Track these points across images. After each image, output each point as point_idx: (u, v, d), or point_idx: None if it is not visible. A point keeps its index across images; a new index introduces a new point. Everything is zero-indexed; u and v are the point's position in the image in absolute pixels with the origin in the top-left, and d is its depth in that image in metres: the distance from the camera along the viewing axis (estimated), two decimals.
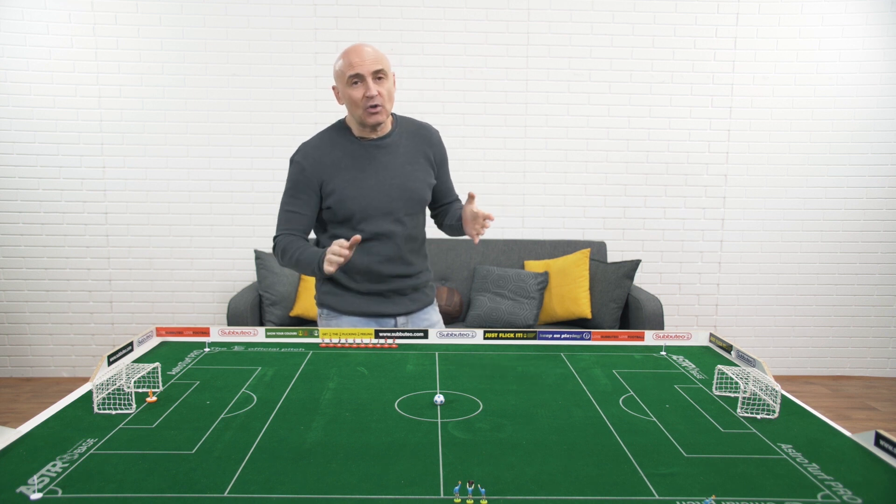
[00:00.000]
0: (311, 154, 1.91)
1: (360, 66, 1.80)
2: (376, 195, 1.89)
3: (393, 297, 1.98)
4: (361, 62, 1.80)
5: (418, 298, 2.03)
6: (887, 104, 3.95)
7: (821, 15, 3.89)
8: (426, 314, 2.06)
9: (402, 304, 1.99)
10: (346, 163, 1.90)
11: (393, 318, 2.00)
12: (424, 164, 1.98)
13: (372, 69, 1.81)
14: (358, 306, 1.96)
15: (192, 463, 1.08)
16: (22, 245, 3.90)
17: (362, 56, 1.81)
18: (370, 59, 1.81)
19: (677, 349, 1.79)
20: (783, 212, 4.05)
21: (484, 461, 1.09)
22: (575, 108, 3.96)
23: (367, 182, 1.89)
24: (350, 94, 1.84)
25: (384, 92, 1.84)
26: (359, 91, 1.82)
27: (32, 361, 4.01)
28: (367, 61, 1.81)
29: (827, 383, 4.06)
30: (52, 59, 3.77)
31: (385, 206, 1.90)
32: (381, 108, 1.84)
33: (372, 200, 1.88)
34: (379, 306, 1.96)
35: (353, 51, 1.82)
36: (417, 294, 2.03)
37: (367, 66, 1.81)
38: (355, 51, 1.82)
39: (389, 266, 1.93)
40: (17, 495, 0.96)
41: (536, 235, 4.02)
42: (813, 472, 1.07)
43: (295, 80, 3.86)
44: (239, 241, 3.97)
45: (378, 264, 1.92)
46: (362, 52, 1.81)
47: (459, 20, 3.86)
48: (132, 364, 1.45)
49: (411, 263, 1.97)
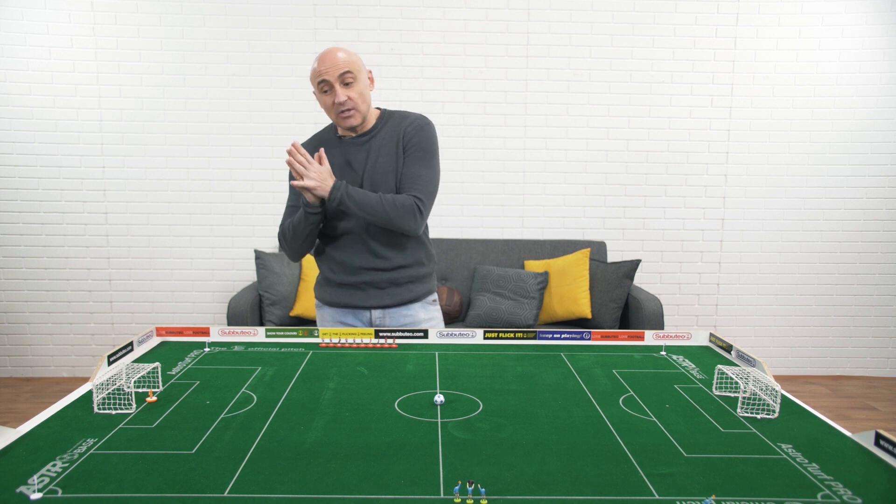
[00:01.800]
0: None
1: (327, 73, 1.82)
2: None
3: (367, 290, 1.98)
4: (327, 69, 1.82)
5: (396, 294, 1.99)
6: (887, 104, 3.95)
7: (821, 15, 3.89)
8: (408, 311, 2.02)
9: (378, 297, 1.98)
10: (329, 160, 1.93)
11: (368, 311, 2.00)
12: (394, 156, 1.93)
13: (337, 74, 1.82)
14: (336, 297, 2.01)
15: (192, 463, 1.07)
16: (22, 245, 3.90)
17: (328, 62, 1.82)
18: (337, 64, 1.82)
19: (677, 349, 1.79)
20: (783, 212, 4.05)
21: (484, 461, 1.09)
22: (575, 108, 3.96)
23: (345, 177, 1.92)
24: (322, 101, 1.88)
25: (354, 95, 1.85)
26: (329, 98, 1.86)
27: (32, 361, 4.01)
28: (332, 67, 1.82)
29: (827, 383, 4.06)
30: (52, 59, 3.77)
31: None
32: (352, 111, 1.87)
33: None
34: (353, 298, 1.98)
35: (321, 57, 1.84)
36: (396, 289, 1.99)
37: (332, 72, 1.82)
38: (323, 57, 1.84)
39: (360, 258, 1.96)
40: (17, 495, 0.96)
41: (536, 235, 4.02)
42: (813, 472, 1.07)
43: (295, 80, 3.86)
44: (239, 241, 3.97)
45: (350, 256, 1.96)
46: (328, 58, 1.82)
47: (459, 20, 3.86)
48: (132, 364, 1.45)
49: (385, 258, 1.95)
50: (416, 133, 1.93)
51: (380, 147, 1.94)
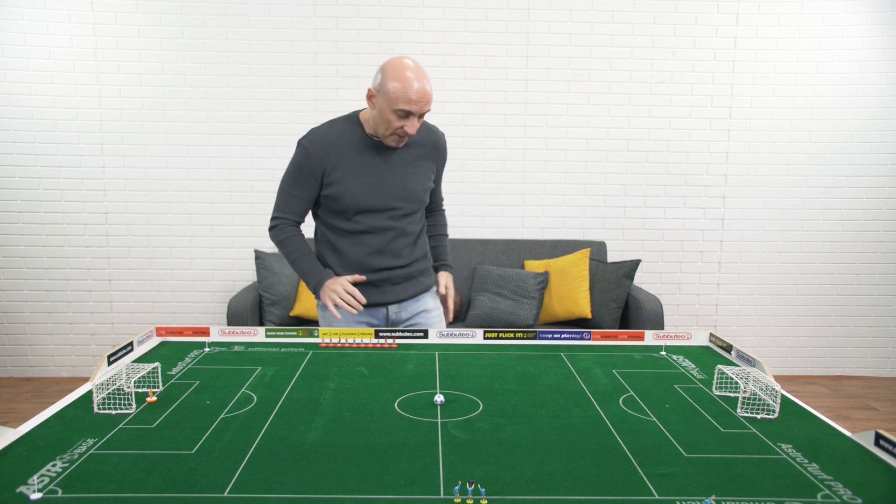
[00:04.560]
0: (319, 141, 1.91)
1: (416, 105, 1.79)
2: (376, 192, 1.91)
3: (383, 286, 2.00)
4: (418, 101, 1.79)
5: (410, 287, 2.05)
6: (887, 104, 3.95)
7: (821, 15, 3.89)
8: (420, 301, 2.08)
9: (393, 292, 2.01)
10: (351, 155, 1.91)
11: (384, 307, 2.02)
12: (428, 167, 2.02)
13: (423, 111, 1.83)
14: None
15: (192, 463, 1.08)
16: (22, 245, 3.90)
17: (422, 96, 1.79)
18: (426, 100, 1.81)
19: (677, 349, 1.79)
20: (783, 212, 4.05)
21: (484, 461, 1.09)
22: (575, 108, 3.96)
23: (368, 178, 1.91)
24: (389, 118, 1.82)
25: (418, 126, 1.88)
26: (399, 122, 1.82)
27: (32, 361, 4.01)
28: (423, 102, 1.81)
29: (827, 383, 4.06)
30: (52, 59, 3.77)
31: (382, 203, 1.92)
32: (406, 139, 1.89)
33: (370, 196, 1.91)
34: (369, 296, 1.98)
35: (415, 88, 1.77)
36: (409, 283, 2.04)
37: (421, 107, 1.81)
38: (418, 89, 1.78)
39: (378, 259, 1.96)
40: (17, 495, 0.96)
41: (536, 235, 4.02)
42: (813, 472, 1.07)
43: (295, 80, 3.86)
44: (239, 241, 3.97)
45: (367, 256, 1.96)
46: (423, 92, 1.79)
47: (459, 20, 3.86)
48: (132, 364, 1.45)
49: (401, 256, 1.99)
50: (445, 151, 2.10)
51: (410, 155, 1.96)
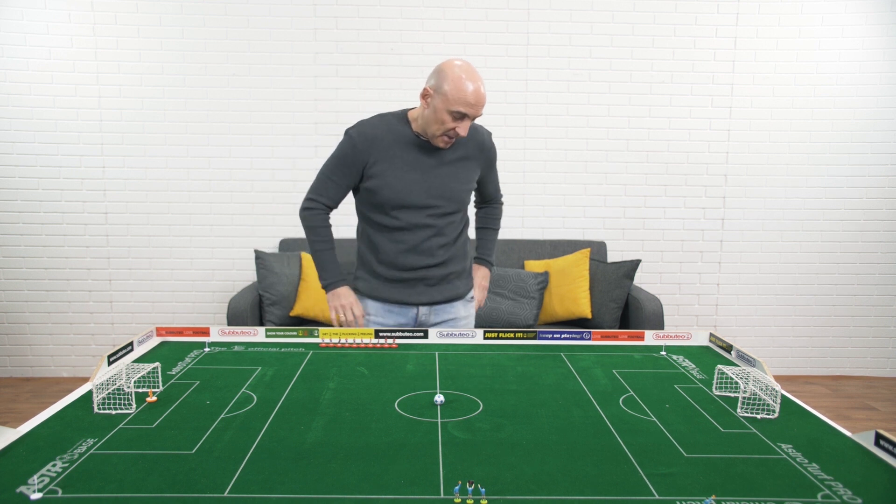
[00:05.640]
0: (367, 133, 1.92)
1: (472, 109, 1.82)
2: (416, 189, 1.91)
3: (416, 286, 1.99)
4: (475, 105, 1.81)
5: (444, 290, 2.02)
6: (887, 104, 3.95)
7: (821, 15, 3.89)
8: (452, 307, 2.05)
9: (426, 293, 2.00)
10: (395, 151, 1.91)
11: (415, 307, 2.01)
12: (472, 167, 2.00)
13: (478, 114, 1.84)
14: (381, 292, 2.00)
15: (192, 463, 1.08)
16: (22, 245, 3.90)
17: (479, 100, 1.81)
18: (482, 104, 1.83)
19: (677, 349, 1.79)
20: (783, 212, 4.05)
21: (484, 461, 1.09)
22: (575, 108, 3.96)
23: (410, 174, 1.91)
24: (443, 118, 1.83)
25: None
26: (453, 123, 1.83)
27: (32, 361, 4.01)
28: (479, 106, 1.82)
29: (827, 383, 4.06)
30: (52, 59, 3.77)
31: (422, 200, 1.92)
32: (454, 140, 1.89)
33: (410, 193, 1.91)
34: (401, 294, 1.98)
35: (473, 91, 1.79)
36: (444, 286, 2.02)
37: (476, 111, 1.83)
38: (475, 92, 1.80)
39: (412, 257, 1.95)
40: (17, 495, 0.96)
41: (536, 235, 4.02)
42: (813, 472, 1.07)
43: (295, 80, 3.86)
44: (239, 241, 3.97)
45: (401, 253, 1.95)
46: (480, 97, 1.81)
47: (459, 20, 3.86)
48: (132, 364, 1.45)
49: (435, 255, 1.97)
50: (494, 149, 2.07)
51: (455, 155, 1.96)
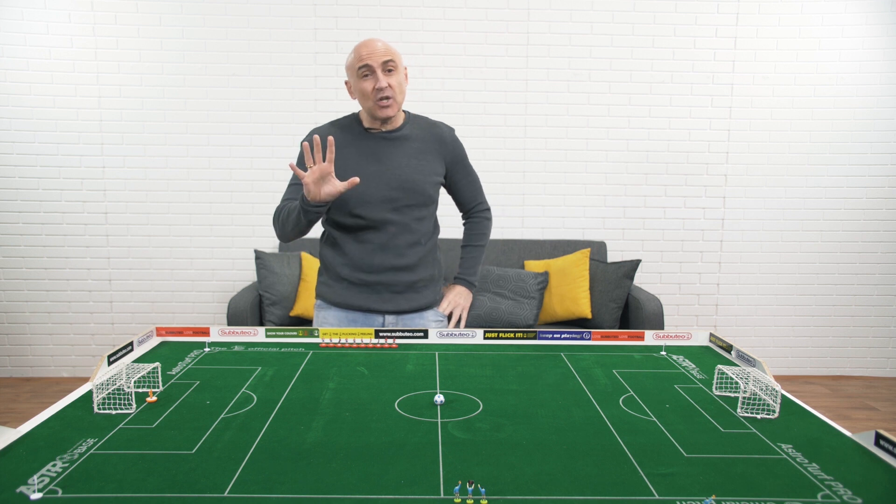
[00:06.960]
0: (321, 134, 1.90)
1: (370, 58, 1.82)
2: (375, 183, 1.87)
3: (382, 293, 1.92)
4: (370, 54, 1.82)
5: (413, 298, 1.96)
6: (887, 104, 3.95)
7: (821, 15, 3.89)
8: (421, 317, 1.99)
9: (392, 301, 1.93)
10: (350, 150, 1.90)
11: (381, 316, 1.95)
12: (433, 161, 1.96)
13: (381, 60, 1.83)
14: (346, 298, 1.94)
15: (192, 463, 1.07)
16: (22, 245, 3.90)
17: (371, 48, 1.83)
18: (380, 51, 1.83)
19: (677, 349, 1.79)
20: (783, 212, 4.05)
21: (484, 461, 1.09)
22: (575, 108, 3.96)
23: (367, 169, 1.88)
24: (361, 87, 1.85)
25: (394, 84, 1.85)
26: (369, 83, 1.84)
27: (32, 361, 4.01)
28: (376, 53, 1.82)
29: (827, 383, 4.06)
30: (52, 59, 3.77)
31: (383, 194, 1.88)
32: (391, 100, 1.85)
33: (369, 187, 1.86)
34: (366, 300, 1.92)
35: (363, 44, 1.85)
36: (412, 295, 1.95)
37: (376, 58, 1.82)
38: (365, 43, 1.85)
39: (381, 256, 1.90)
40: (17, 495, 0.96)
41: (536, 235, 4.02)
42: (813, 472, 1.07)
43: (295, 80, 3.86)
44: (239, 241, 3.97)
45: (369, 253, 1.90)
46: (372, 45, 1.84)
47: (459, 20, 3.86)
48: (132, 364, 1.45)
49: (405, 255, 1.92)
50: (457, 144, 2.02)
51: (413, 148, 1.93)
